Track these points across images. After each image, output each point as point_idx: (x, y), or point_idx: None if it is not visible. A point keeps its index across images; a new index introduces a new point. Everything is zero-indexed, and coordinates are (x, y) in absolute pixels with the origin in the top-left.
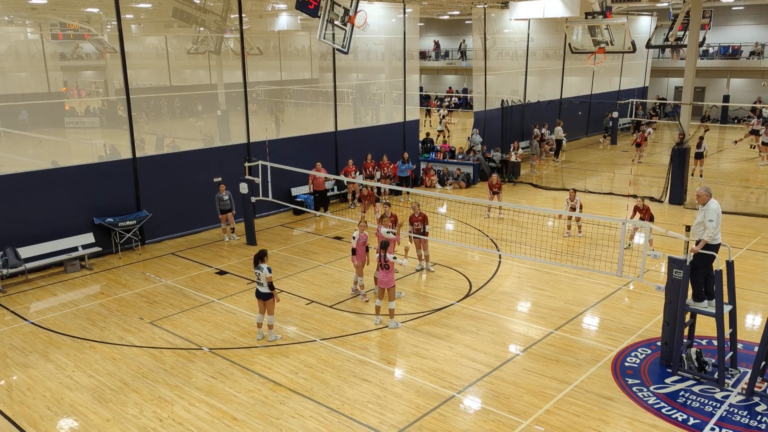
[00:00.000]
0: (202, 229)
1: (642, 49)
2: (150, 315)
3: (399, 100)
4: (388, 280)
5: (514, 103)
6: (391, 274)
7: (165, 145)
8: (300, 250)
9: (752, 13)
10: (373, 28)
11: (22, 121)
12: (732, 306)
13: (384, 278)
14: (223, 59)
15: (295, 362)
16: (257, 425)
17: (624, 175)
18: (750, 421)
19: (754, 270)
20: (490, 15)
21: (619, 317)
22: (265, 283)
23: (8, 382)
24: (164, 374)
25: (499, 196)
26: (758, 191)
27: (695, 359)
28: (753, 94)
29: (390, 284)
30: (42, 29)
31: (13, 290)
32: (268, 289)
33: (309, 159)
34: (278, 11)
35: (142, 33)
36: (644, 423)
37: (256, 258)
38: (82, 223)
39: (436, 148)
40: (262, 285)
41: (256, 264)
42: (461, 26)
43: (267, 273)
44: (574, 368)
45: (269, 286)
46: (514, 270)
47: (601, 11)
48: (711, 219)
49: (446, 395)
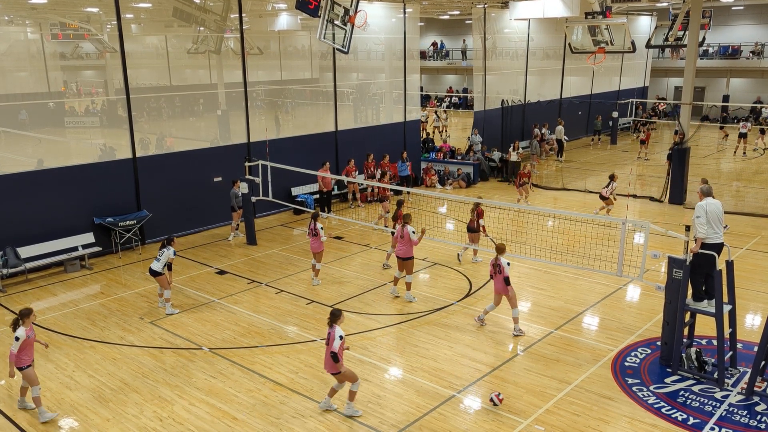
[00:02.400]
0: (203, 228)
1: (642, 49)
2: (150, 315)
3: (399, 99)
4: (406, 249)
5: (514, 102)
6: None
7: (166, 145)
8: (300, 249)
9: (752, 12)
10: (373, 28)
11: (21, 121)
12: (732, 306)
13: (401, 248)
14: (223, 59)
15: (295, 362)
16: (258, 425)
17: (624, 174)
18: (750, 421)
19: (753, 270)
20: (490, 15)
21: (619, 317)
22: (163, 261)
23: (8, 381)
24: (164, 374)
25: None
26: (758, 191)
27: (695, 359)
28: (753, 94)
29: (408, 254)
30: (42, 29)
31: (13, 290)
32: (160, 266)
33: (309, 159)
34: (278, 11)
35: (142, 33)
36: (644, 422)
37: (164, 241)
38: (82, 222)
39: (437, 148)
40: (158, 261)
41: (163, 245)
42: (461, 26)
43: (171, 254)
44: (574, 368)
45: (168, 266)
46: (514, 270)
47: (601, 11)
48: (698, 216)
49: (446, 395)
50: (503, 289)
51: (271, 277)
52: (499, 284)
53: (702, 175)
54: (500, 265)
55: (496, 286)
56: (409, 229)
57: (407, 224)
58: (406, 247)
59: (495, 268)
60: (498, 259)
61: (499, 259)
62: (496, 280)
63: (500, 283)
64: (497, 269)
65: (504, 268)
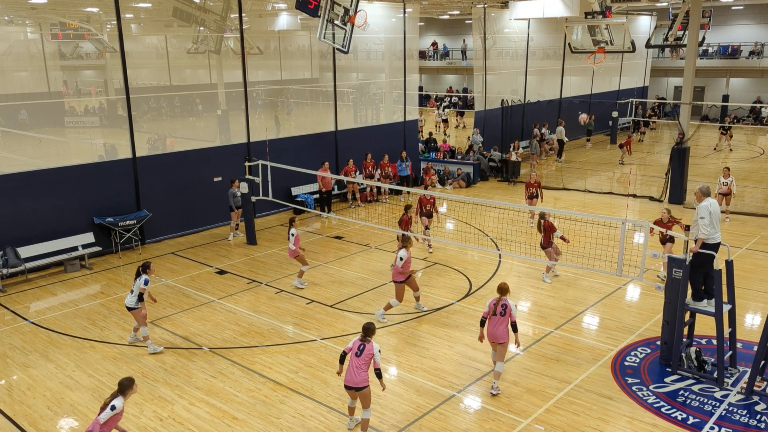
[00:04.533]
0: (203, 228)
1: (641, 49)
2: (150, 314)
3: (399, 99)
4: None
5: (514, 102)
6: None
7: (167, 145)
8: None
9: (751, 12)
10: (373, 28)
11: (21, 121)
12: (731, 305)
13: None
14: (223, 59)
15: (295, 362)
16: (258, 425)
17: (624, 174)
18: (749, 420)
19: (753, 269)
20: (490, 15)
21: (619, 316)
22: (135, 293)
23: (8, 381)
24: (164, 374)
25: (537, 201)
26: (757, 190)
27: (695, 358)
28: (752, 94)
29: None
30: (42, 29)
31: (13, 290)
32: (133, 300)
33: (309, 158)
34: (278, 11)
35: (142, 32)
36: (644, 422)
37: (138, 268)
38: (82, 222)
39: (437, 148)
40: (131, 294)
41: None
42: (461, 26)
43: (142, 284)
44: (574, 367)
45: (139, 297)
46: (514, 269)
47: (601, 11)
48: (702, 216)
49: (446, 394)
50: (504, 335)
51: (271, 276)
52: (501, 329)
53: (701, 175)
54: (507, 305)
55: (497, 332)
56: (400, 253)
57: (404, 248)
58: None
59: (500, 308)
60: (504, 299)
61: (505, 300)
62: (496, 323)
63: (502, 328)
64: (502, 310)
65: (511, 309)
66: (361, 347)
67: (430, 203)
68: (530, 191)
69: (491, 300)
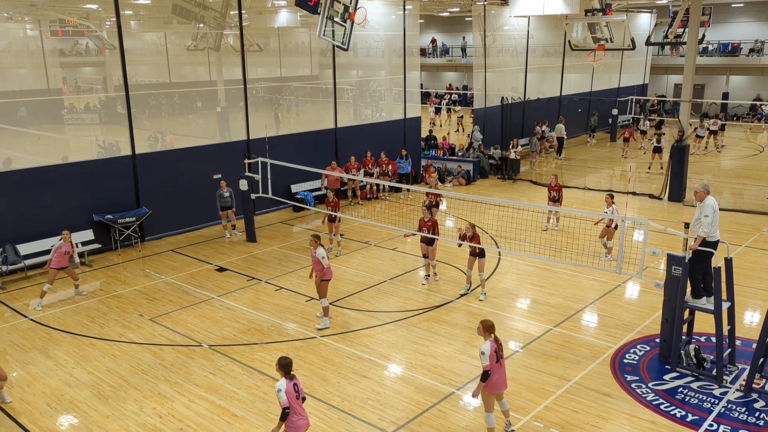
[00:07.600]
0: (202, 225)
1: (641, 47)
2: (150, 312)
3: (399, 97)
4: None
5: (513, 100)
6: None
7: (166, 143)
8: (300, 247)
9: (752, 10)
10: (372, 25)
11: (21, 118)
12: (730, 303)
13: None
14: (223, 56)
15: (295, 359)
16: (257, 422)
17: (623, 172)
18: (748, 418)
19: (752, 267)
20: (489, 12)
21: (618, 314)
22: None
23: (8, 378)
24: (164, 371)
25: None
26: (757, 188)
27: (694, 356)
28: (752, 91)
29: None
30: (41, 26)
31: (12, 287)
32: None
33: (309, 156)
34: (278, 8)
35: (142, 29)
36: (643, 419)
37: None
38: (82, 219)
39: (437, 145)
40: None
41: None
42: (461, 23)
43: None
44: (573, 365)
45: None
46: (514, 267)
47: (601, 8)
48: (706, 215)
49: (446, 392)
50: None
51: (270, 274)
52: (503, 372)
53: (701, 173)
54: (499, 340)
55: (502, 377)
56: (319, 252)
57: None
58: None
59: (500, 351)
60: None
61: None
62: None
63: (503, 371)
64: (501, 351)
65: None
66: (296, 386)
67: (428, 226)
68: (552, 194)
69: (489, 347)
